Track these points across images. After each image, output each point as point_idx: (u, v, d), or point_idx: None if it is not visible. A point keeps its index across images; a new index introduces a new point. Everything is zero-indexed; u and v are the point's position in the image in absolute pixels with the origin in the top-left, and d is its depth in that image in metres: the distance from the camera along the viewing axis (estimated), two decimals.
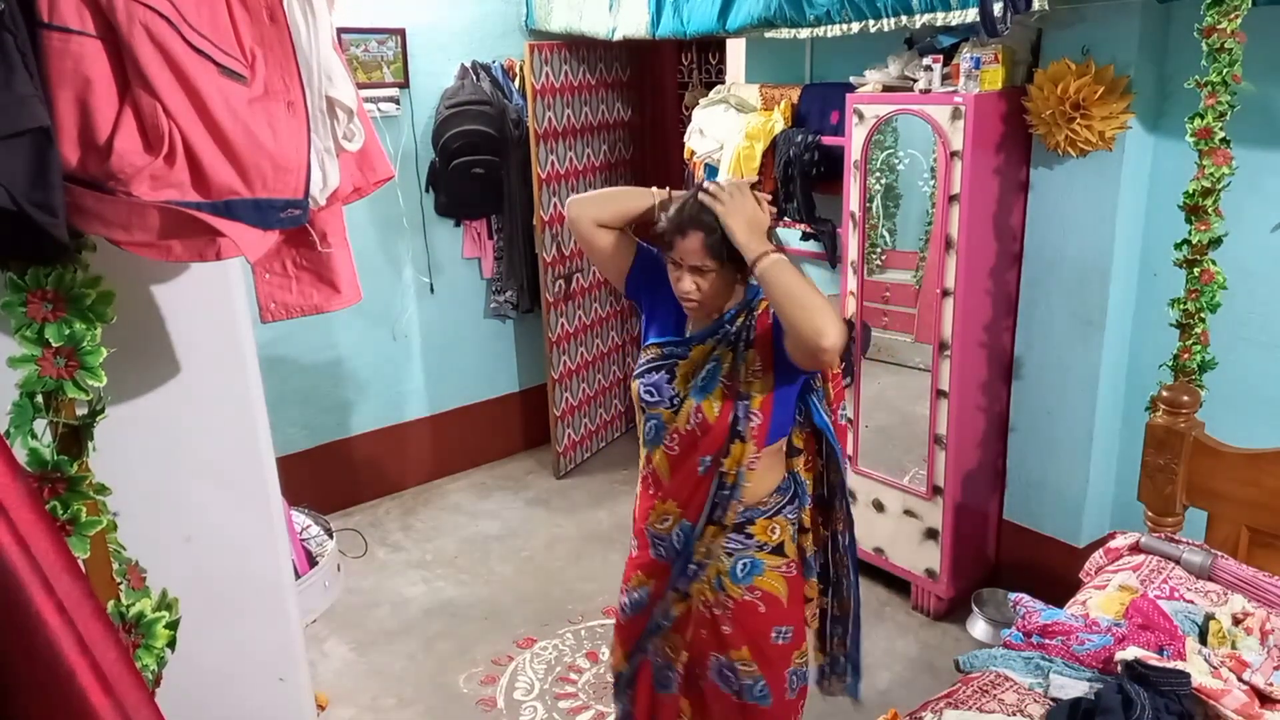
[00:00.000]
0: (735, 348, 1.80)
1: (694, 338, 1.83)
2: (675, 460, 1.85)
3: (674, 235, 1.74)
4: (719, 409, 1.79)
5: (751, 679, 1.90)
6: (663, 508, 1.89)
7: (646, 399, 1.84)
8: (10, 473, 0.93)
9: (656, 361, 1.85)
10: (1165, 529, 2.16)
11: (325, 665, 3.04)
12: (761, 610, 1.88)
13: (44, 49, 1.08)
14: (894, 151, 3.14)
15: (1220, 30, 1.92)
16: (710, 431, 1.79)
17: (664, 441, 1.85)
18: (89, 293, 1.20)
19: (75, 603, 0.90)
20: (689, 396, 1.80)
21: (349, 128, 1.40)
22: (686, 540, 1.87)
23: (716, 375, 1.80)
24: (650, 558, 1.95)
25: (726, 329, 1.80)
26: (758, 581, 1.88)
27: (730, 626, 1.88)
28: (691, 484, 1.84)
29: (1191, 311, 2.09)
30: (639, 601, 1.98)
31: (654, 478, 1.91)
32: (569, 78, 4.05)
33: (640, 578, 1.98)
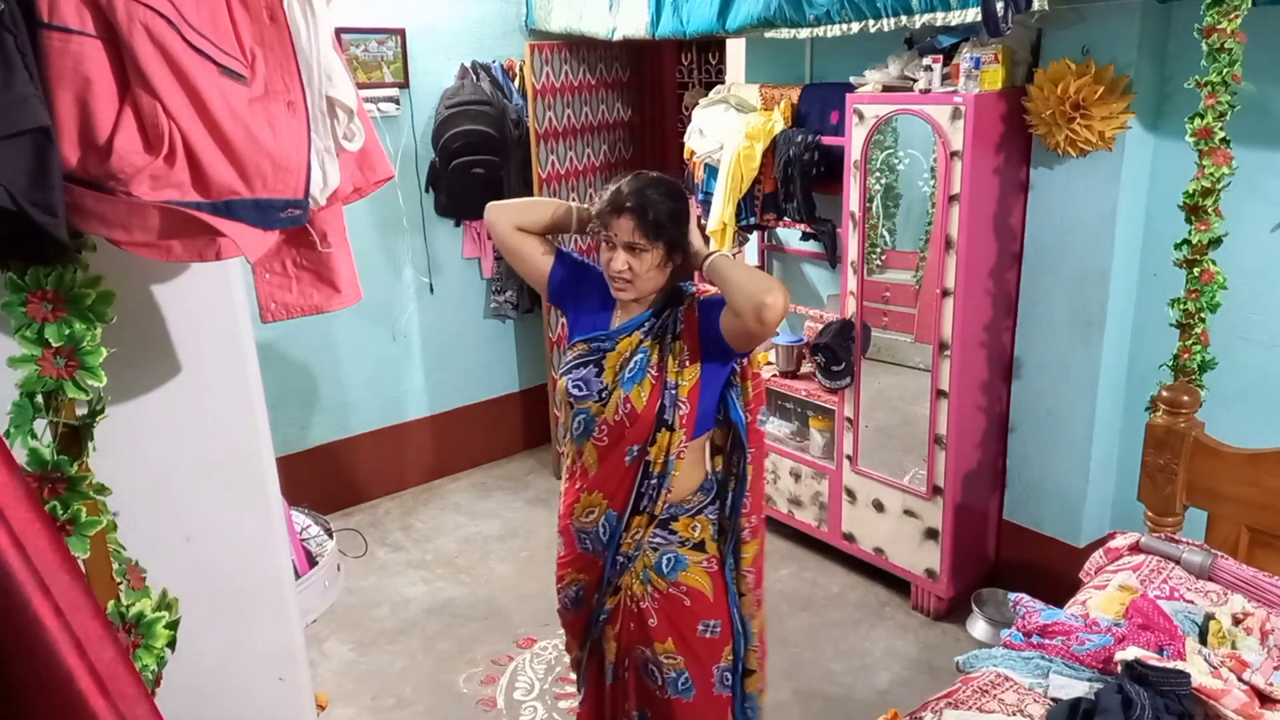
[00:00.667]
0: (662, 339, 1.85)
1: (620, 329, 1.86)
2: (604, 451, 1.88)
3: (610, 215, 1.78)
4: (646, 398, 1.83)
5: (675, 671, 1.93)
6: (588, 500, 1.92)
7: (575, 394, 1.87)
8: (9, 473, 0.93)
9: (584, 356, 1.88)
10: (1165, 529, 2.16)
11: (325, 665, 3.04)
12: (687, 604, 1.92)
13: (44, 49, 1.08)
14: (894, 151, 3.14)
15: (1220, 30, 1.92)
16: (638, 420, 1.83)
17: (593, 434, 1.88)
18: (89, 293, 1.20)
19: (74, 603, 0.90)
20: (617, 387, 1.83)
21: (349, 127, 1.40)
22: (612, 532, 1.90)
23: (644, 366, 1.84)
24: (578, 553, 1.98)
25: (653, 321, 1.85)
26: (683, 576, 1.92)
27: (656, 619, 1.92)
28: (619, 474, 1.87)
29: (1191, 311, 2.09)
30: (576, 597, 2.02)
31: (581, 471, 1.93)
32: (569, 78, 4.05)
33: (572, 574, 2.01)
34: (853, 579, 3.42)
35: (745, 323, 1.70)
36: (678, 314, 1.87)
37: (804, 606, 3.27)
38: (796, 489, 3.54)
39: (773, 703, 2.78)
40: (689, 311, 1.87)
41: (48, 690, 0.87)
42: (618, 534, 1.89)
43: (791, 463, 3.53)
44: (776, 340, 3.61)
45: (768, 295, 1.67)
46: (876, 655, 3.00)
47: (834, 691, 2.83)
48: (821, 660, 2.98)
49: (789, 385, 3.53)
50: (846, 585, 3.39)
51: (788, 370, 3.56)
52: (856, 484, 3.29)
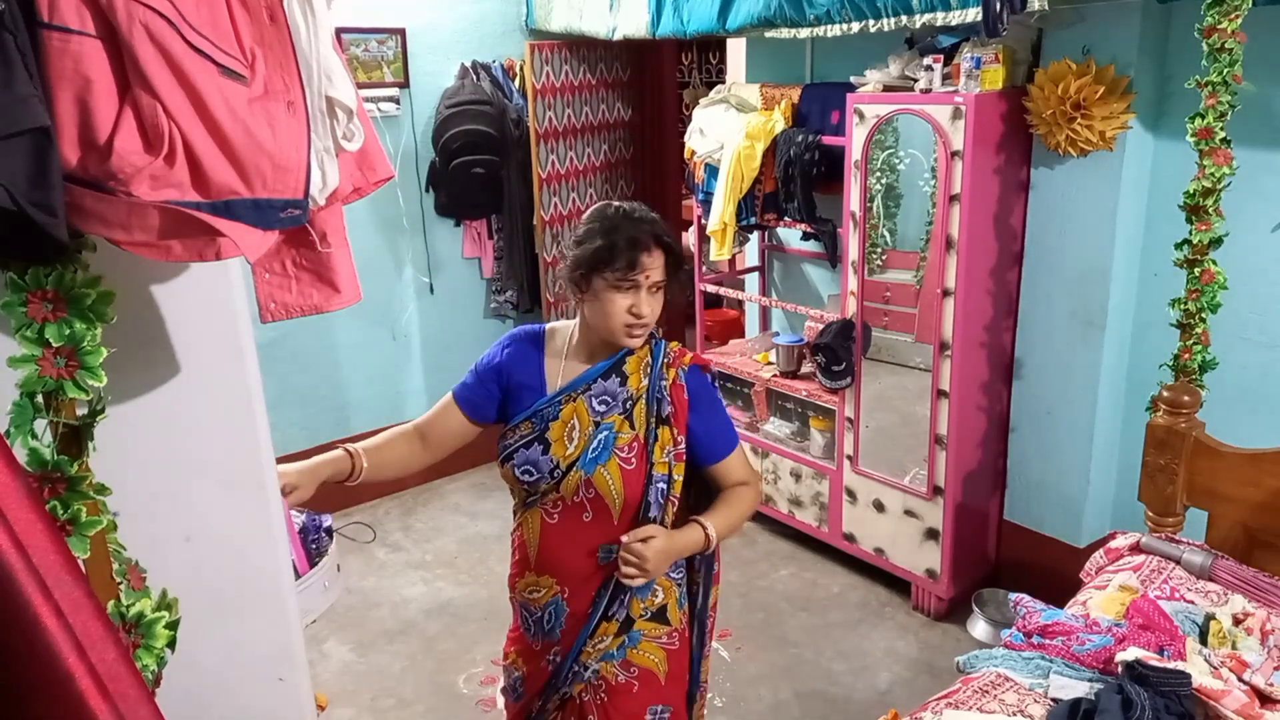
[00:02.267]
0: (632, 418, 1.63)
1: (562, 391, 1.65)
2: (551, 528, 1.66)
3: (637, 253, 1.55)
4: (623, 491, 1.61)
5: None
6: (534, 579, 1.71)
7: (526, 479, 1.65)
8: (10, 473, 0.93)
9: (528, 436, 1.65)
10: (1166, 529, 2.16)
11: (325, 665, 3.04)
12: (635, 690, 1.69)
13: (44, 49, 1.08)
14: (894, 151, 3.14)
15: (1221, 30, 1.91)
16: (615, 517, 1.63)
17: (541, 505, 1.68)
18: (89, 293, 1.20)
19: (74, 604, 0.90)
20: (575, 467, 1.61)
21: (348, 127, 1.40)
22: (555, 621, 1.69)
23: (609, 447, 1.61)
24: (520, 632, 1.78)
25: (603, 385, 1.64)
26: (632, 655, 1.69)
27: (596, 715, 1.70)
28: (581, 567, 1.66)
29: (1192, 311, 2.09)
30: (514, 686, 1.81)
31: (519, 543, 1.73)
32: (569, 77, 4.05)
33: (514, 656, 1.80)
34: (853, 579, 3.42)
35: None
36: (662, 389, 1.64)
37: (804, 607, 3.27)
38: (797, 489, 3.54)
39: (773, 702, 2.79)
40: (676, 390, 1.64)
41: (48, 691, 0.87)
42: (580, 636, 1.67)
43: (792, 463, 3.53)
44: (777, 340, 3.61)
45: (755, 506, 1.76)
46: (877, 655, 3.00)
47: (834, 692, 2.83)
48: (822, 660, 2.98)
49: (789, 385, 3.53)
50: (847, 585, 3.39)
51: (788, 370, 3.56)
52: (857, 484, 3.29)
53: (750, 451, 3.68)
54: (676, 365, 1.67)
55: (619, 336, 1.61)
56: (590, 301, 1.61)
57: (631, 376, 1.65)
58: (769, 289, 4.06)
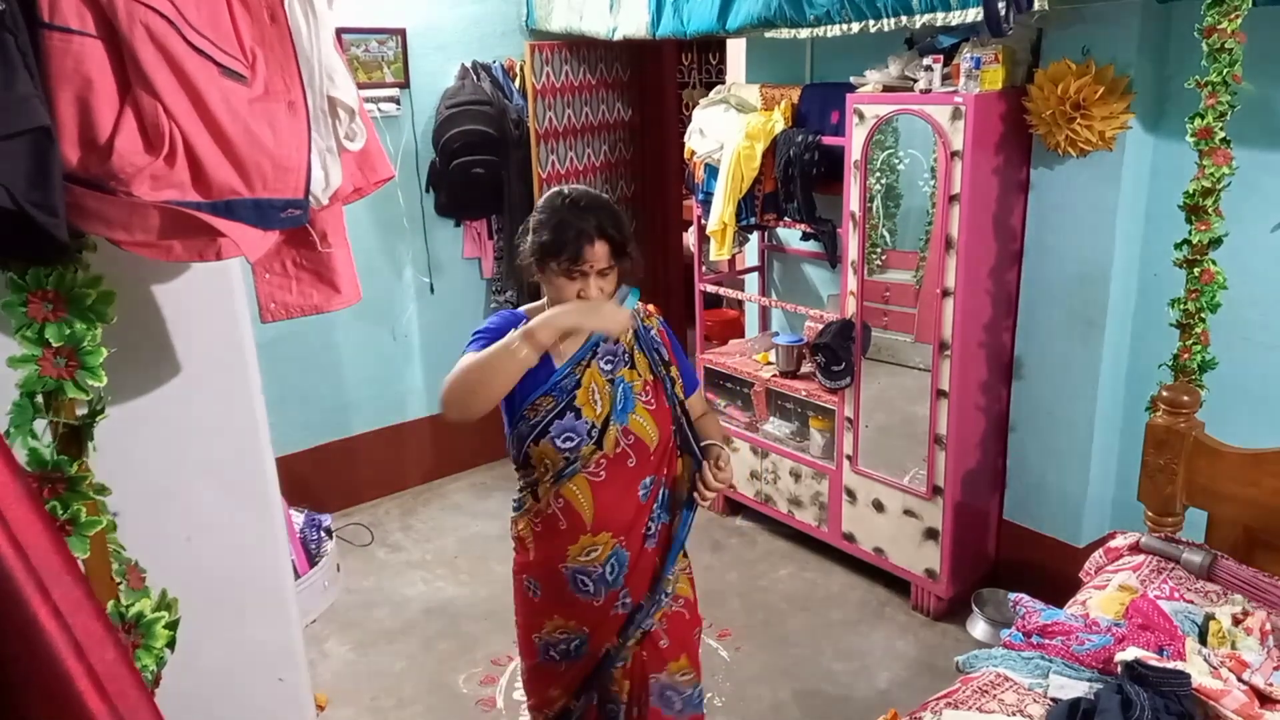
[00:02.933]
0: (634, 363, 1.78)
1: (572, 362, 1.74)
2: (602, 486, 1.75)
3: (579, 244, 1.64)
4: (656, 431, 1.76)
5: (691, 687, 1.89)
6: (590, 540, 1.78)
7: (566, 446, 1.72)
8: (10, 473, 0.93)
9: (555, 408, 1.72)
10: (1165, 529, 2.16)
11: (325, 665, 3.04)
12: (686, 617, 1.89)
13: (45, 49, 1.08)
14: (894, 151, 3.14)
15: (1220, 30, 1.91)
16: (651, 454, 1.77)
17: (584, 470, 1.74)
18: (89, 293, 1.20)
19: (74, 604, 0.90)
20: (611, 423, 1.73)
21: (350, 127, 1.40)
22: (620, 570, 1.79)
23: (630, 395, 1.76)
24: (570, 597, 1.82)
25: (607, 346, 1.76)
26: (678, 589, 1.88)
27: (667, 639, 1.86)
28: (631, 509, 1.78)
29: (1191, 311, 2.09)
30: (571, 649, 1.86)
31: (568, 512, 1.77)
32: (569, 78, 4.05)
33: (559, 622, 1.85)
34: (852, 579, 3.42)
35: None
36: (653, 338, 1.82)
37: (804, 606, 3.27)
38: (796, 489, 3.54)
39: (773, 703, 2.79)
40: (661, 334, 1.85)
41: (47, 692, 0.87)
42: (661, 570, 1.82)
43: (791, 463, 3.53)
44: (776, 340, 3.61)
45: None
46: (876, 655, 3.00)
47: (834, 692, 2.83)
48: (821, 660, 2.98)
49: (789, 385, 3.53)
50: (846, 585, 3.39)
51: (788, 370, 3.56)
52: (856, 484, 3.29)
53: (750, 451, 3.69)
54: (654, 317, 1.87)
55: None
56: (546, 284, 1.74)
57: (624, 339, 1.80)
58: (769, 289, 4.06)
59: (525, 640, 1.92)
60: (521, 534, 1.86)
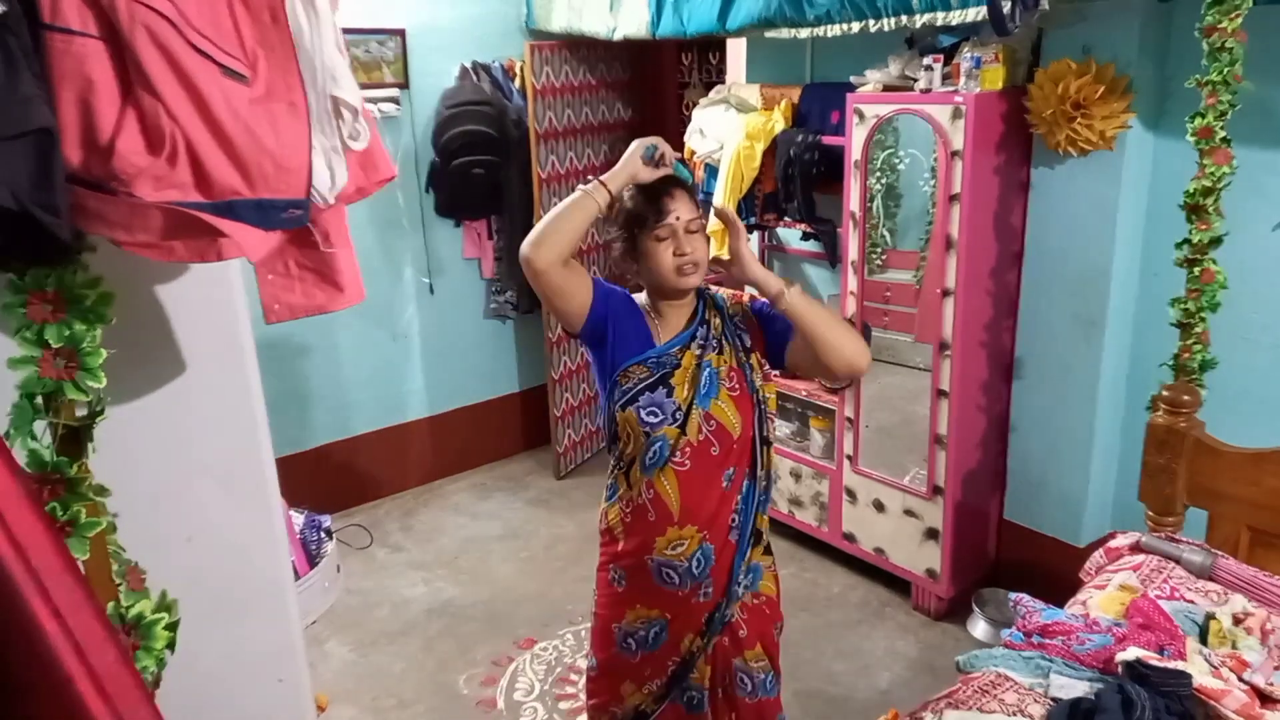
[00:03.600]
0: (722, 349, 1.77)
1: (674, 343, 1.76)
2: (687, 476, 1.76)
3: (662, 196, 1.68)
4: (738, 418, 1.75)
5: (764, 673, 1.92)
6: (678, 534, 1.79)
7: (650, 420, 1.73)
8: (10, 474, 0.93)
9: (648, 379, 1.74)
10: (1166, 529, 2.16)
11: (325, 666, 3.04)
12: (766, 612, 1.93)
13: (46, 50, 1.08)
14: (894, 151, 3.14)
15: (1221, 30, 1.91)
16: (734, 442, 1.76)
17: (672, 459, 1.75)
18: (89, 294, 1.20)
19: (74, 606, 0.90)
20: (694, 406, 1.74)
21: (354, 127, 1.40)
22: (706, 563, 1.81)
23: (715, 380, 1.75)
24: (655, 586, 1.84)
25: (702, 329, 1.77)
26: (761, 586, 1.91)
27: (745, 630, 1.89)
28: (715, 501, 1.78)
29: (1192, 311, 2.09)
30: (651, 638, 1.87)
31: (657, 504, 1.79)
32: (569, 78, 4.05)
33: (642, 611, 1.87)
34: (853, 579, 3.42)
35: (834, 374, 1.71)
36: (734, 322, 1.80)
37: (804, 607, 3.27)
38: (797, 489, 3.54)
39: None
40: (749, 322, 1.80)
41: (47, 693, 0.87)
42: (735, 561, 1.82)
43: (792, 463, 3.53)
44: None
45: (864, 358, 1.69)
46: (877, 655, 3.00)
47: (835, 692, 2.83)
48: (822, 660, 2.98)
49: (789, 385, 3.52)
50: (847, 585, 3.39)
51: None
52: (857, 484, 3.29)
53: None
54: (739, 302, 1.84)
55: (673, 279, 1.71)
56: (643, 264, 1.73)
57: (713, 322, 1.79)
58: None
59: (604, 632, 1.93)
60: (612, 524, 1.87)
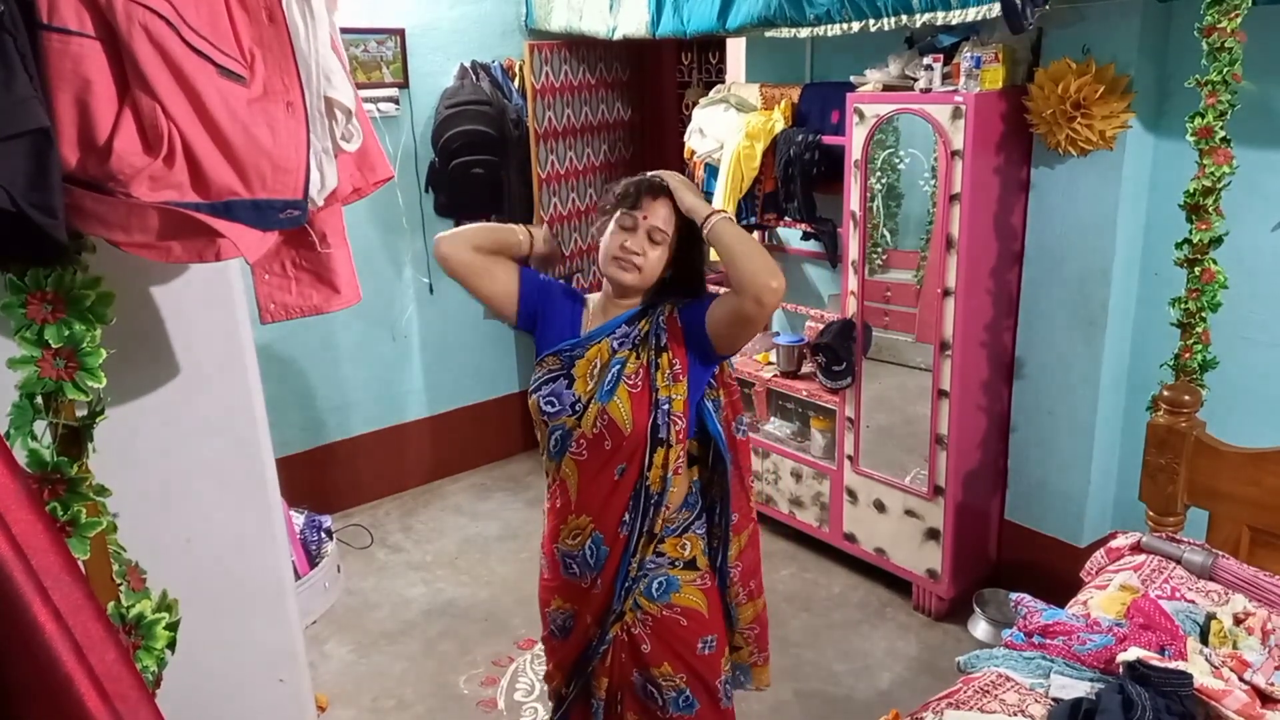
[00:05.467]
0: (639, 350, 1.77)
1: (591, 335, 1.79)
2: (584, 465, 1.79)
3: (644, 195, 1.73)
4: (631, 415, 1.75)
5: (675, 691, 1.87)
6: (574, 522, 1.82)
7: (548, 410, 1.77)
8: (10, 474, 0.93)
9: (554, 370, 1.79)
10: (1166, 529, 2.15)
11: (325, 666, 3.04)
12: (684, 624, 1.86)
13: (43, 50, 1.08)
14: (895, 151, 3.14)
15: (1220, 30, 1.91)
16: (625, 437, 1.75)
17: (569, 449, 1.79)
18: (88, 294, 1.20)
19: (74, 606, 0.90)
20: (593, 400, 1.75)
21: (347, 128, 1.40)
22: (599, 554, 1.82)
23: (619, 378, 1.75)
24: (562, 578, 1.89)
25: (628, 328, 1.78)
26: (675, 598, 1.86)
27: (650, 644, 1.86)
28: (605, 492, 1.79)
29: (1192, 311, 2.09)
30: (564, 626, 1.93)
31: (561, 490, 1.84)
32: (569, 77, 4.05)
33: (559, 602, 1.92)
34: (854, 579, 3.41)
35: (743, 304, 1.63)
36: (659, 323, 1.79)
37: (805, 607, 3.27)
38: (797, 489, 3.54)
39: (773, 703, 2.78)
40: (671, 320, 1.79)
41: (48, 694, 0.87)
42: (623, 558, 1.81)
43: (792, 463, 3.53)
44: (777, 340, 3.61)
45: (774, 279, 1.60)
46: (878, 656, 3.00)
47: (835, 692, 2.83)
48: (823, 661, 2.98)
49: (790, 385, 3.52)
50: (848, 586, 3.39)
51: (788, 370, 3.56)
52: (857, 484, 3.29)
53: (751, 452, 3.68)
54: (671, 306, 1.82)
55: (608, 264, 1.75)
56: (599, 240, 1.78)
57: (642, 323, 1.80)
58: None
59: (542, 615, 2.00)
60: (545, 508, 1.93)
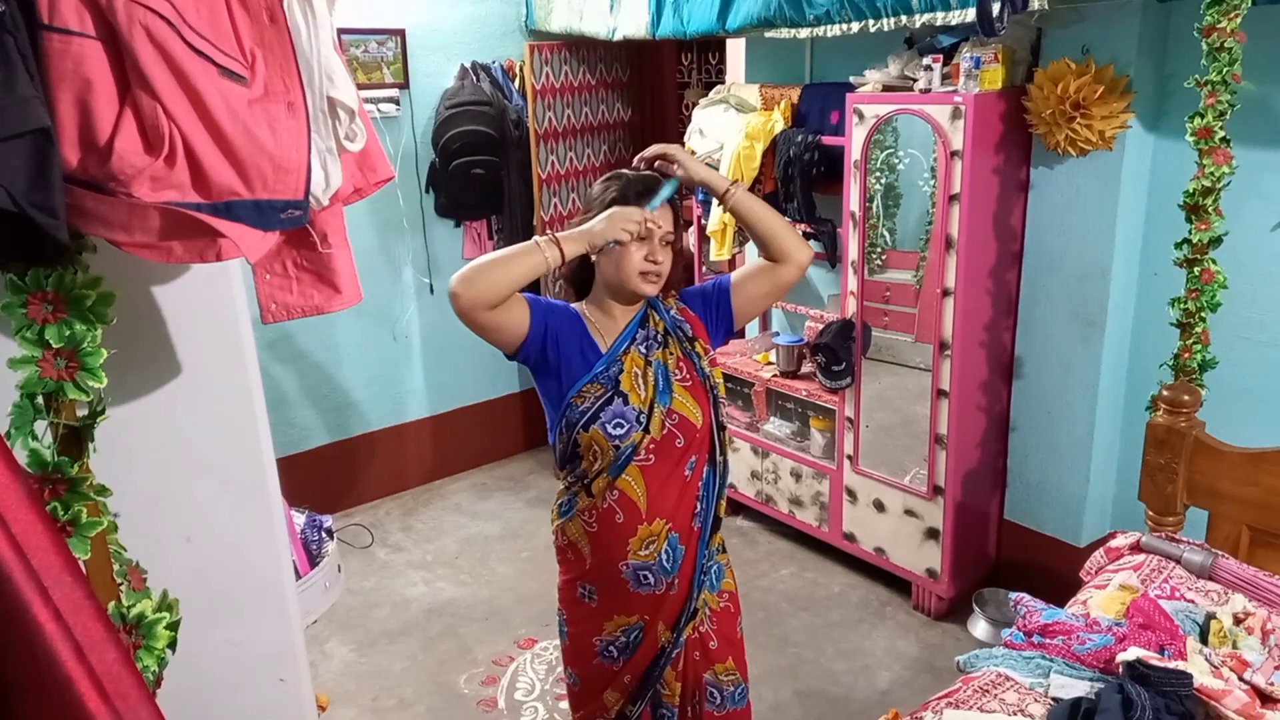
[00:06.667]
0: (667, 343, 1.77)
1: (616, 348, 1.73)
2: (651, 470, 1.73)
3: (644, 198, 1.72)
4: (698, 408, 1.75)
5: (733, 685, 1.88)
6: (646, 531, 1.74)
7: (616, 433, 1.69)
8: (11, 474, 0.93)
9: (601, 395, 1.70)
10: (1166, 528, 2.16)
11: (326, 666, 3.04)
12: (730, 610, 1.89)
13: (44, 50, 1.08)
14: (894, 151, 3.14)
15: (1220, 29, 1.91)
16: (698, 430, 1.75)
17: (635, 458, 1.71)
18: (89, 294, 1.20)
19: (74, 606, 0.90)
20: (655, 405, 1.71)
21: (350, 128, 1.40)
22: (675, 555, 1.77)
23: (667, 374, 1.74)
24: (630, 593, 1.78)
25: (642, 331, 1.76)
26: (724, 584, 1.88)
27: (716, 640, 1.85)
28: (677, 491, 1.76)
29: (1192, 311, 2.09)
30: (630, 642, 1.82)
31: (623, 504, 1.73)
32: (569, 78, 4.05)
33: (620, 620, 1.81)
34: (853, 579, 3.42)
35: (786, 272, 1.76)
36: (673, 316, 1.79)
37: (804, 606, 3.27)
38: (797, 489, 3.54)
39: (773, 702, 2.79)
40: (683, 311, 1.81)
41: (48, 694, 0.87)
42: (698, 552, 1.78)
43: (792, 463, 3.53)
44: (777, 340, 3.61)
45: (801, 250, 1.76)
46: (877, 655, 3.00)
47: (835, 691, 2.83)
48: (822, 660, 2.98)
49: (789, 385, 3.52)
50: (847, 585, 3.39)
51: (788, 370, 3.56)
52: (857, 484, 3.29)
53: (750, 451, 3.69)
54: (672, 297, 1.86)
55: (635, 283, 1.70)
56: (607, 254, 1.72)
57: (654, 320, 1.80)
58: None
59: (580, 649, 1.86)
60: (574, 539, 1.79)
